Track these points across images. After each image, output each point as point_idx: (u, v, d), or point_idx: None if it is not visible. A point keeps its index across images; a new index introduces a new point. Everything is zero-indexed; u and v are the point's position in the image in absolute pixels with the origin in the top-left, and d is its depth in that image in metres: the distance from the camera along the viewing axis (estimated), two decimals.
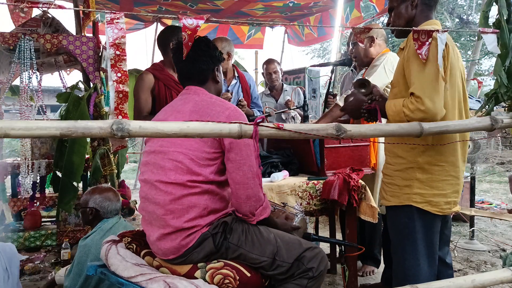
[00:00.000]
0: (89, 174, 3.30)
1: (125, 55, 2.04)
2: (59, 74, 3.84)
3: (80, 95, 3.16)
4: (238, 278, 1.56)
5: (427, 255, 1.81)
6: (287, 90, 3.98)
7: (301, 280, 1.61)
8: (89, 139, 3.17)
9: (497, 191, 6.75)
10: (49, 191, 3.85)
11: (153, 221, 1.62)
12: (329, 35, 5.85)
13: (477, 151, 3.77)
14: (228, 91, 3.25)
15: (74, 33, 3.27)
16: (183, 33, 1.36)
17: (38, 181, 3.50)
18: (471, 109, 2.20)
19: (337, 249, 3.09)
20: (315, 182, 2.32)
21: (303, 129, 1.32)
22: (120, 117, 2.41)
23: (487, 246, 3.80)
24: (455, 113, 1.79)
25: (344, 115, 2.73)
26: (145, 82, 2.64)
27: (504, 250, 3.68)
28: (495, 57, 1.71)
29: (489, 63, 15.26)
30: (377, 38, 2.79)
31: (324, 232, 4.00)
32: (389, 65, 2.66)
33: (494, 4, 1.70)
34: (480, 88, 4.98)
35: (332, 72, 3.10)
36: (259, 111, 3.47)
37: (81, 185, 3.50)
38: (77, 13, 3.24)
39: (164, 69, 2.69)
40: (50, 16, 3.45)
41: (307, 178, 2.40)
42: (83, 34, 3.23)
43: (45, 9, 3.30)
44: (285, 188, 2.26)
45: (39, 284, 2.81)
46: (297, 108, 3.50)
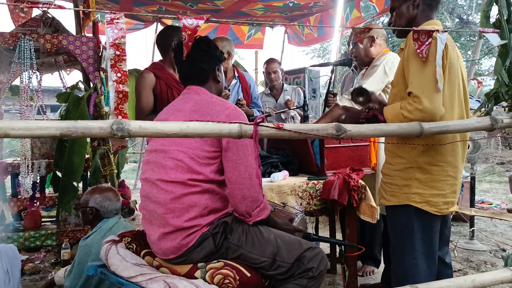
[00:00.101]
0: (89, 174, 3.31)
1: (125, 55, 2.05)
2: (59, 74, 3.85)
3: (80, 95, 3.17)
4: (238, 278, 1.56)
5: (426, 255, 1.81)
6: (287, 90, 3.98)
7: (301, 280, 1.61)
8: (89, 139, 3.17)
9: (497, 191, 6.75)
10: (49, 191, 3.86)
11: (154, 220, 1.62)
12: (329, 35, 5.86)
13: (477, 151, 3.77)
14: (226, 88, 3.24)
15: (74, 33, 3.28)
16: (183, 33, 1.36)
17: (38, 181, 3.50)
18: (471, 109, 2.20)
19: (337, 249, 3.09)
20: (315, 182, 2.32)
21: (303, 129, 1.32)
22: (120, 117, 2.41)
23: (487, 246, 3.80)
24: (454, 113, 1.78)
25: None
26: (146, 81, 2.61)
27: (504, 250, 3.68)
28: (495, 57, 1.71)
29: (489, 63, 15.27)
30: (377, 38, 2.79)
31: (324, 232, 4.00)
32: (389, 65, 2.66)
33: (494, 4, 1.70)
34: (479, 88, 4.98)
35: (332, 72, 3.10)
36: (259, 111, 3.46)
37: (81, 185, 3.50)
38: (77, 13, 3.25)
39: (164, 68, 2.67)
40: (50, 16, 3.46)
41: (307, 178, 2.40)
42: (83, 34, 3.23)
43: (45, 9, 3.30)
44: (285, 188, 2.26)
45: (39, 284, 2.81)
46: (297, 108, 3.50)
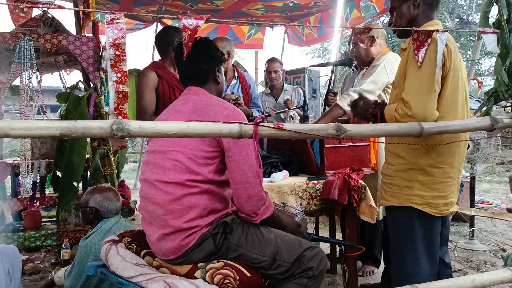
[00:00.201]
0: (89, 174, 3.31)
1: (125, 56, 2.04)
2: (59, 74, 3.85)
3: (80, 95, 3.16)
4: (238, 278, 1.56)
5: (427, 255, 1.81)
6: (287, 89, 3.98)
7: (301, 279, 1.62)
8: (89, 139, 3.17)
9: (497, 191, 6.75)
10: (49, 191, 3.86)
11: (153, 221, 1.62)
12: (329, 35, 5.85)
13: (477, 151, 3.76)
14: (233, 93, 3.23)
15: (74, 33, 3.28)
16: (183, 33, 1.36)
17: (38, 181, 3.50)
18: (471, 109, 2.20)
19: (337, 249, 3.09)
20: (315, 182, 2.32)
21: (303, 129, 1.32)
22: (120, 117, 2.41)
23: (487, 246, 3.80)
24: (457, 114, 1.78)
25: (344, 115, 2.74)
26: (149, 80, 2.59)
27: (504, 250, 3.68)
28: (495, 57, 1.72)
29: (489, 63, 15.28)
30: (377, 37, 2.79)
31: (324, 232, 4.00)
32: (389, 65, 2.66)
33: (494, 4, 1.70)
34: (480, 88, 4.97)
35: (332, 72, 3.10)
36: (258, 111, 3.46)
37: (81, 185, 3.50)
38: (77, 13, 3.24)
39: (166, 68, 2.66)
40: (50, 16, 3.45)
41: (307, 178, 2.40)
42: (83, 34, 3.23)
43: (45, 9, 3.30)
44: (285, 188, 2.26)
45: (39, 284, 2.81)
46: (297, 108, 3.50)
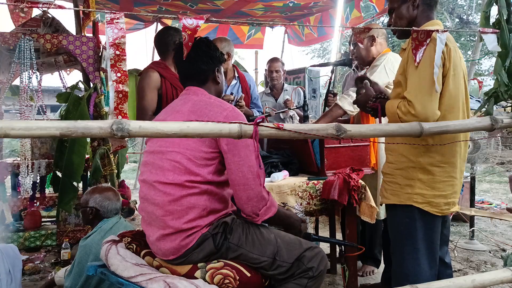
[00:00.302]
0: (89, 174, 3.30)
1: (125, 55, 2.04)
2: (59, 74, 3.85)
3: (80, 95, 3.16)
4: (238, 278, 1.56)
5: (428, 255, 1.81)
6: (287, 89, 3.98)
7: (301, 279, 1.62)
8: (89, 139, 3.17)
9: (497, 191, 6.75)
10: (49, 191, 3.85)
11: (153, 222, 1.62)
12: (329, 35, 5.85)
13: (477, 151, 3.76)
14: (232, 94, 3.23)
15: (74, 33, 3.27)
16: (183, 33, 1.36)
17: (38, 181, 3.50)
18: (471, 109, 2.20)
19: (337, 249, 3.09)
20: (315, 182, 2.32)
21: (303, 129, 1.32)
22: (120, 117, 2.40)
23: (487, 246, 3.80)
24: (459, 114, 1.78)
25: (344, 115, 2.74)
26: (152, 79, 2.57)
27: (504, 250, 3.68)
28: (495, 57, 1.71)
29: (489, 63, 15.27)
30: (378, 37, 2.79)
31: (324, 232, 4.00)
32: (390, 65, 2.66)
33: (494, 4, 1.70)
34: (481, 88, 4.97)
35: (332, 72, 3.10)
36: (258, 111, 3.46)
37: (81, 185, 3.50)
38: (77, 13, 3.24)
39: (168, 68, 2.65)
40: (50, 16, 3.45)
41: (307, 178, 2.40)
42: (83, 34, 3.23)
43: (45, 9, 3.30)
44: (285, 188, 2.26)
45: (39, 284, 2.81)
46: (297, 108, 3.50)
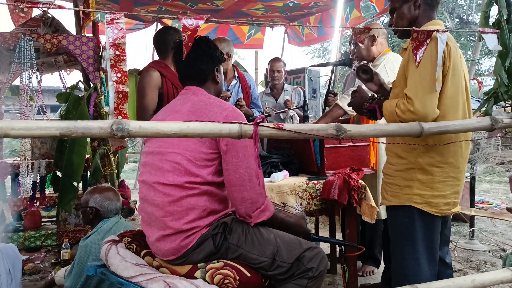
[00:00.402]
0: (89, 174, 3.31)
1: (125, 55, 2.04)
2: (59, 74, 3.85)
3: (80, 95, 3.16)
4: (238, 278, 1.56)
5: (428, 255, 1.81)
6: (287, 90, 3.98)
7: (301, 280, 1.61)
8: (89, 139, 3.17)
9: (497, 191, 6.75)
10: (49, 191, 3.85)
11: (152, 223, 1.61)
12: (329, 35, 5.85)
13: (477, 151, 3.76)
14: (228, 91, 3.24)
15: (74, 33, 3.28)
16: (183, 33, 1.36)
17: (38, 181, 3.50)
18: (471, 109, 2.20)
19: (337, 249, 3.09)
20: (315, 182, 2.32)
21: (303, 129, 1.32)
22: (120, 117, 2.40)
23: (487, 246, 3.80)
24: (459, 114, 1.78)
25: (344, 115, 2.74)
26: (153, 79, 2.57)
27: (504, 250, 3.68)
28: (495, 57, 1.71)
29: (489, 63, 15.27)
30: (378, 37, 2.79)
31: (324, 232, 4.00)
32: (390, 65, 2.66)
33: (494, 4, 1.70)
34: (480, 88, 4.97)
35: (332, 72, 3.10)
36: (259, 111, 3.46)
37: (81, 185, 3.50)
38: (77, 13, 3.24)
39: (168, 67, 2.65)
40: (50, 16, 3.45)
41: (307, 178, 2.40)
42: (83, 34, 3.23)
43: (45, 9, 3.30)
44: (285, 188, 2.26)
45: (39, 284, 2.81)
46: (297, 108, 3.50)
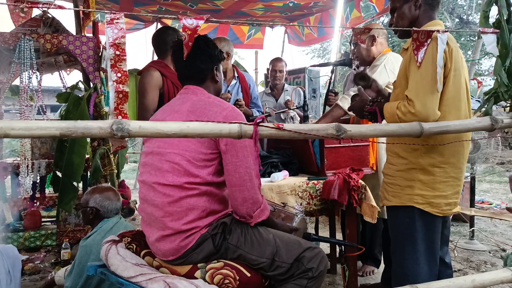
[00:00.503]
0: (89, 174, 3.30)
1: (125, 55, 2.04)
2: (59, 74, 3.85)
3: (80, 95, 3.16)
4: (238, 278, 1.56)
5: (428, 255, 1.81)
6: (287, 90, 3.98)
7: (301, 280, 1.61)
8: (89, 139, 3.17)
9: (497, 191, 6.75)
10: (49, 191, 3.85)
11: (152, 223, 1.62)
12: (329, 35, 5.85)
13: (477, 151, 3.76)
14: (228, 92, 3.24)
15: (74, 33, 3.27)
16: (183, 33, 1.36)
17: (38, 181, 3.49)
18: (471, 109, 2.20)
19: (337, 249, 3.09)
20: (315, 182, 2.32)
21: (303, 129, 1.32)
22: (120, 117, 2.40)
23: (487, 246, 3.80)
24: (460, 113, 1.78)
25: (344, 115, 2.74)
26: (154, 79, 2.57)
27: (504, 250, 3.68)
28: (495, 57, 1.71)
29: (489, 63, 15.27)
30: (378, 36, 2.79)
31: (324, 232, 4.00)
32: (390, 65, 2.66)
33: (494, 4, 1.70)
34: (479, 88, 4.98)
35: (332, 72, 3.10)
36: (258, 111, 3.46)
37: (81, 185, 3.50)
38: (77, 13, 3.24)
39: (168, 67, 2.65)
40: (50, 16, 3.45)
41: (307, 178, 2.40)
42: (83, 34, 3.23)
43: (45, 9, 3.30)
44: (285, 188, 2.26)
45: (39, 284, 2.81)
46: (297, 108, 3.50)
